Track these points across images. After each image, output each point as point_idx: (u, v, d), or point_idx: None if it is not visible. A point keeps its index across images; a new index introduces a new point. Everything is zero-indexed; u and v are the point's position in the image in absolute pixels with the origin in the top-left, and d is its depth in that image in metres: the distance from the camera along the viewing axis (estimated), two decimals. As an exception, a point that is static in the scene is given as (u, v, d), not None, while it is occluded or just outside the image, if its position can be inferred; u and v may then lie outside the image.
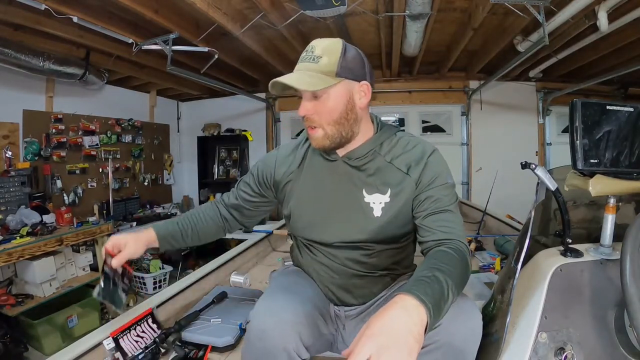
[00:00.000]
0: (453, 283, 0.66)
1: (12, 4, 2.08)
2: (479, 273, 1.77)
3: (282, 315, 0.77)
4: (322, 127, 0.87)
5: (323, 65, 0.84)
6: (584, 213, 1.02)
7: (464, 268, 0.75)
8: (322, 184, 0.96)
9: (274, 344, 0.75)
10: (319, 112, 0.86)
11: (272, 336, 0.75)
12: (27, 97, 3.03)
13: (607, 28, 2.23)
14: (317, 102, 0.86)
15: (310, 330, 0.81)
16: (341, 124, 0.88)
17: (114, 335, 1.10)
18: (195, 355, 1.14)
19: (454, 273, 0.69)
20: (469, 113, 4.29)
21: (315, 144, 0.90)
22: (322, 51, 0.85)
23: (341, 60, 0.84)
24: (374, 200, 0.91)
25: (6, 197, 2.70)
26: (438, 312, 0.60)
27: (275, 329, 0.75)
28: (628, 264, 0.64)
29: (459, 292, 0.70)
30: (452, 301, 0.65)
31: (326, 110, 0.86)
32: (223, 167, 4.94)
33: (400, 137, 0.96)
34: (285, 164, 1.02)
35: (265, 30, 2.71)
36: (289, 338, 0.75)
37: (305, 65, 0.85)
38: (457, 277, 0.69)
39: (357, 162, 0.93)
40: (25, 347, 2.27)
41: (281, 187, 1.02)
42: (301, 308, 0.81)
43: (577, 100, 0.75)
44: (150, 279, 3.32)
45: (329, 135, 0.88)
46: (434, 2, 2.22)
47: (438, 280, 0.64)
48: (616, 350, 0.72)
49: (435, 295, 0.61)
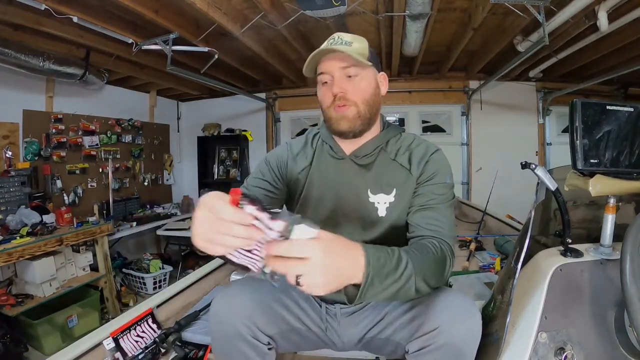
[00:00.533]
0: (413, 267, 0.67)
1: (12, 4, 2.08)
2: (479, 273, 1.77)
3: (232, 302, 0.81)
4: (356, 105, 0.88)
5: (356, 49, 0.86)
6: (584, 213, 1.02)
7: (437, 263, 0.75)
8: (328, 183, 0.96)
9: (228, 328, 0.80)
10: (353, 90, 0.88)
11: (225, 321, 0.80)
12: (27, 97, 3.03)
13: (607, 28, 2.23)
14: (352, 81, 0.88)
15: (267, 317, 0.84)
16: (371, 105, 0.90)
17: (114, 335, 1.10)
18: (195, 355, 1.14)
19: (422, 261, 0.70)
20: (469, 113, 4.29)
21: (346, 123, 0.89)
22: (352, 39, 0.88)
23: (370, 49, 0.90)
24: (379, 200, 0.91)
25: (6, 197, 2.70)
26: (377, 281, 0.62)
27: (227, 314, 0.80)
28: (628, 264, 0.64)
29: (425, 284, 0.70)
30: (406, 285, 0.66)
31: (361, 89, 0.88)
32: (223, 167, 4.94)
33: (406, 136, 0.98)
34: (297, 160, 1.01)
35: (265, 30, 2.71)
36: (241, 322, 0.80)
37: (340, 48, 0.85)
38: (423, 266, 0.70)
39: (364, 160, 0.94)
40: (25, 347, 2.27)
41: (292, 183, 1.01)
42: (256, 295, 0.84)
43: (577, 100, 0.75)
44: (150, 279, 3.33)
45: (361, 113, 0.89)
46: (434, 2, 2.22)
47: (398, 257, 0.67)
48: (616, 350, 0.72)
49: (384, 264, 0.63)
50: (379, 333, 0.88)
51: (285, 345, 0.91)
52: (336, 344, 0.97)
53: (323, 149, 1.00)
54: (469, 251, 2.09)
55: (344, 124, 0.89)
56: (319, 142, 1.02)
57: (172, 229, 3.71)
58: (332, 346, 0.99)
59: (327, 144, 0.99)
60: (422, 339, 0.73)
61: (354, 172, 0.94)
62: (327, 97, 0.90)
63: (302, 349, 1.00)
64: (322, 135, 1.02)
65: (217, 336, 0.83)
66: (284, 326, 0.88)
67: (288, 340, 0.90)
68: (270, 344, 0.84)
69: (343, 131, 0.91)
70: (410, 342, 0.76)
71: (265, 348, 0.83)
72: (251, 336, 0.80)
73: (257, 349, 0.81)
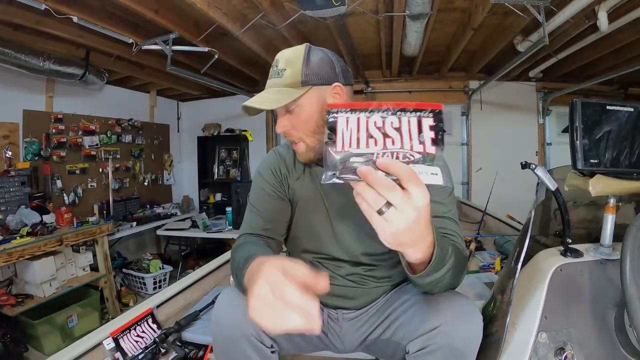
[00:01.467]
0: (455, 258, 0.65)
1: (12, 4, 2.08)
2: (479, 273, 1.77)
3: (236, 304, 0.78)
4: (303, 140, 0.85)
5: (287, 78, 0.82)
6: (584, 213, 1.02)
7: (463, 263, 0.73)
8: (324, 192, 0.93)
9: (231, 331, 0.77)
10: (295, 126, 0.84)
11: (228, 324, 0.78)
12: (27, 97, 3.03)
13: (607, 28, 2.23)
14: (291, 115, 0.84)
15: None
16: (320, 133, 0.84)
17: (114, 335, 1.10)
18: (195, 355, 1.14)
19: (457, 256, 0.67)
20: (469, 113, 4.29)
21: (301, 158, 0.89)
22: (285, 63, 0.83)
23: (304, 69, 0.81)
24: None
25: (6, 197, 2.70)
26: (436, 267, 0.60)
27: (230, 317, 0.78)
28: (628, 264, 0.64)
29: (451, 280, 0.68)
30: (445, 274, 0.64)
31: (301, 122, 0.83)
32: (223, 167, 4.93)
33: None
34: (290, 168, 0.97)
35: (265, 30, 2.71)
36: (245, 325, 0.77)
37: (272, 82, 0.84)
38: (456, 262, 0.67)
39: None
40: (25, 347, 2.27)
41: (289, 191, 0.97)
42: None
43: (577, 100, 0.75)
44: (150, 279, 3.33)
45: (311, 147, 0.85)
46: (434, 2, 2.22)
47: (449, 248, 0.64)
48: (616, 350, 0.72)
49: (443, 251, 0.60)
50: (381, 335, 0.88)
51: (287, 348, 0.90)
52: (337, 347, 0.97)
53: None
54: (469, 251, 2.09)
55: (301, 159, 0.89)
56: None
57: (172, 229, 3.70)
58: (333, 348, 0.99)
59: None
60: (423, 339, 0.73)
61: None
62: (278, 131, 0.88)
63: (303, 352, 1.00)
64: None
65: (219, 339, 0.81)
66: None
67: (290, 342, 0.90)
68: (273, 347, 0.83)
69: (306, 163, 0.91)
70: (410, 342, 0.76)
71: (268, 351, 0.81)
72: (256, 339, 0.78)
73: (260, 352, 0.80)
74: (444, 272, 0.63)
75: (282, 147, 1.03)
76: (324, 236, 0.94)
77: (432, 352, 0.71)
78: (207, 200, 4.84)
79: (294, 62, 0.82)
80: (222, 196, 4.85)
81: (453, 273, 0.66)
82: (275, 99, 0.80)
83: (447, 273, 0.64)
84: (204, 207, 4.73)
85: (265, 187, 0.96)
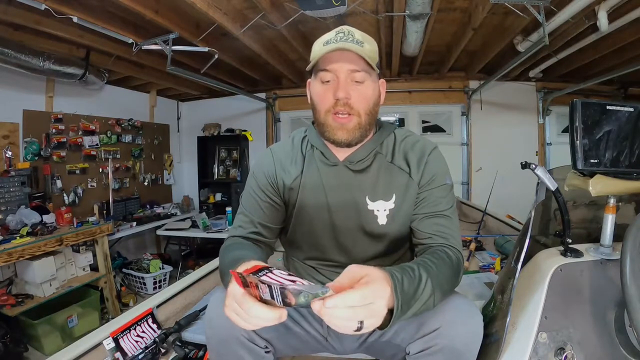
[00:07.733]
0: (432, 284, 0.65)
1: (12, 4, 2.08)
2: (479, 273, 1.77)
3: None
4: (359, 115, 0.81)
5: (368, 51, 0.77)
6: (584, 213, 1.02)
7: (453, 273, 0.74)
8: (323, 193, 0.89)
9: (223, 332, 0.76)
10: (359, 98, 0.80)
11: (220, 325, 0.77)
12: (27, 97, 3.03)
13: (607, 28, 2.23)
14: (360, 86, 0.80)
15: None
16: (372, 116, 0.83)
17: (114, 335, 1.10)
18: (195, 355, 1.14)
19: (439, 275, 0.69)
20: (469, 113, 4.29)
21: (344, 134, 0.81)
22: (363, 38, 0.79)
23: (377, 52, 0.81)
24: (378, 208, 0.86)
25: (6, 197, 2.70)
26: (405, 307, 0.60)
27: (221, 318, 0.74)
28: (628, 264, 0.64)
29: (442, 295, 0.69)
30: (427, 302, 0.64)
31: (366, 97, 0.81)
32: (223, 167, 4.93)
33: (399, 134, 0.93)
34: (286, 169, 0.93)
35: (265, 30, 2.71)
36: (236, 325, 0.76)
37: (350, 46, 0.76)
38: (441, 281, 0.69)
39: (360, 165, 0.87)
40: (25, 347, 2.27)
41: (285, 194, 0.93)
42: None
43: (577, 100, 0.75)
44: (150, 279, 3.33)
45: (362, 124, 0.82)
46: (434, 2, 2.22)
47: (419, 277, 0.64)
48: (616, 350, 0.72)
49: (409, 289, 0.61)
50: (381, 336, 0.87)
51: (283, 349, 0.89)
52: (336, 348, 0.96)
53: (313, 155, 0.91)
54: (469, 251, 2.09)
55: (341, 135, 0.81)
56: (308, 147, 0.93)
57: (172, 229, 3.71)
58: (332, 350, 0.98)
59: (318, 149, 0.91)
60: (423, 340, 0.72)
61: (350, 178, 0.87)
62: (326, 99, 0.80)
63: (300, 353, 0.98)
64: (311, 140, 0.93)
65: (212, 340, 0.80)
66: (282, 329, 0.85)
67: (286, 343, 0.88)
68: (267, 348, 0.82)
69: (339, 141, 0.82)
70: (410, 343, 0.76)
71: (262, 352, 0.80)
72: (247, 339, 0.77)
73: (253, 352, 0.79)
74: (422, 303, 0.63)
75: (279, 145, 0.99)
76: (326, 241, 0.92)
77: (433, 354, 0.70)
78: (207, 200, 4.84)
79: (370, 42, 0.81)
80: (222, 196, 4.85)
81: (440, 290, 0.67)
82: (368, 57, 0.77)
83: (429, 298, 0.65)
84: (204, 207, 4.73)
85: (256, 191, 0.93)
